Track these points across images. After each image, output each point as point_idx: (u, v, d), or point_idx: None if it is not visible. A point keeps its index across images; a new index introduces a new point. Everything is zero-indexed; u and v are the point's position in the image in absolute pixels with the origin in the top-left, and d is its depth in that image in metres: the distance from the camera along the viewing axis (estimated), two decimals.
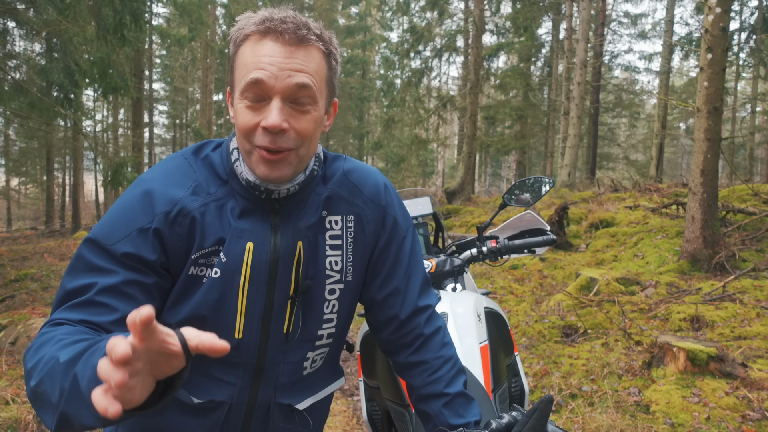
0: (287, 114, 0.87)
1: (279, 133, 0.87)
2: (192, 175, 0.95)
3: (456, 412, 1.02)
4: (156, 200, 0.90)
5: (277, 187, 0.93)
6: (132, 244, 0.87)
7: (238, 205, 0.94)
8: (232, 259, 0.92)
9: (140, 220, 0.88)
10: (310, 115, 0.90)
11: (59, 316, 0.82)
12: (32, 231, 18.37)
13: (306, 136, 0.90)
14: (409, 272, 1.10)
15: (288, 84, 0.86)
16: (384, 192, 1.08)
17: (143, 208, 0.89)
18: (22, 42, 7.73)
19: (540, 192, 1.92)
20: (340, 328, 1.08)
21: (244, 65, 0.88)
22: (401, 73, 18.17)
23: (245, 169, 0.93)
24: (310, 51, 0.88)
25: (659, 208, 8.15)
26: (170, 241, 0.90)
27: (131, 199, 0.91)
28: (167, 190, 0.91)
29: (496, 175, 37.15)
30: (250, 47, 0.88)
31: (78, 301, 0.83)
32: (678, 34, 18.02)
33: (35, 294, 6.37)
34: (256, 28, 0.87)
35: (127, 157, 9.75)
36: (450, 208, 12.56)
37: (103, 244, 0.87)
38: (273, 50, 0.86)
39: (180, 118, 29.07)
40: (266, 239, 0.94)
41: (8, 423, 2.76)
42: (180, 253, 0.91)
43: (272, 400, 1.02)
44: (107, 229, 0.89)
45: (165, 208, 0.90)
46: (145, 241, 0.88)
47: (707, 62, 5.51)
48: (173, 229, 0.90)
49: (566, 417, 2.90)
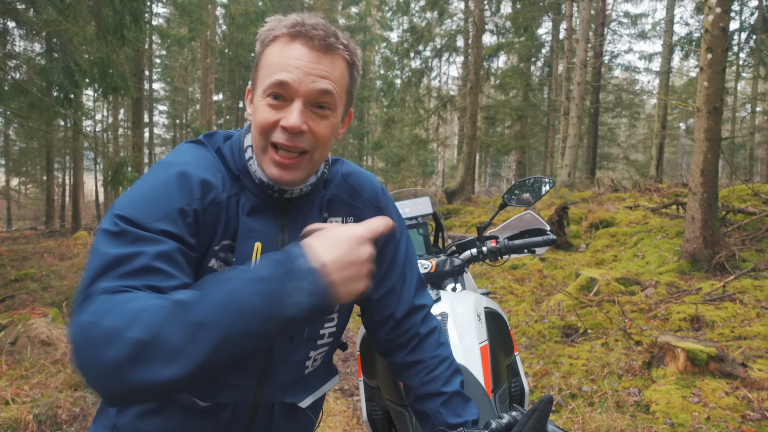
0: (307, 116, 0.89)
1: (297, 134, 0.88)
2: (219, 166, 0.95)
3: (453, 411, 1.03)
4: (193, 183, 0.87)
5: (290, 187, 0.95)
6: (173, 223, 0.82)
7: (248, 201, 0.95)
8: (241, 260, 0.93)
9: (179, 200, 0.84)
10: (329, 120, 0.91)
11: (115, 285, 0.73)
12: (32, 231, 18.37)
13: (322, 140, 0.91)
14: (404, 272, 1.12)
15: (312, 88, 0.87)
16: (381, 195, 1.12)
17: (181, 189, 0.86)
18: (22, 42, 7.74)
19: (540, 192, 1.92)
20: (340, 327, 1.10)
21: (271, 65, 0.89)
22: (401, 73, 18.18)
23: (259, 169, 0.94)
24: (335, 59, 0.90)
25: (659, 208, 8.15)
26: (202, 227, 0.89)
27: (166, 179, 0.87)
28: (204, 175, 0.90)
29: (496, 175, 37.16)
30: (279, 49, 0.89)
31: (133, 269, 0.75)
32: (678, 34, 18.04)
33: (35, 294, 6.37)
34: (287, 31, 0.89)
35: (127, 157, 9.75)
36: (450, 208, 12.57)
37: (139, 222, 0.79)
38: (301, 54, 0.87)
39: (180, 118, 29.08)
40: (274, 239, 0.96)
41: (8, 423, 2.76)
42: (206, 242, 0.90)
43: (276, 400, 1.03)
44: (141, 208, 0.81)
45: (202, 192, 0.88)
46: (185, 222, 0.84)
47: (707, 62, 5.51)
48: (205, 216, 0.89)
49: (566, 417, 2.90)
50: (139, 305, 0.68)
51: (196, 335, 0.66)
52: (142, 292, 0.72)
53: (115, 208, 0.81)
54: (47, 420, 2.81)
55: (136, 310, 0.67)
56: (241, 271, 0.72)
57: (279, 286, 0.69)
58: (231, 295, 0.67)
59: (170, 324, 0.66)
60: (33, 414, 2.83)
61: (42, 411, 2.85)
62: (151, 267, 0.76)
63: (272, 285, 0.68)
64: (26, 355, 3.86)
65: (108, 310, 0.68)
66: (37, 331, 4.09)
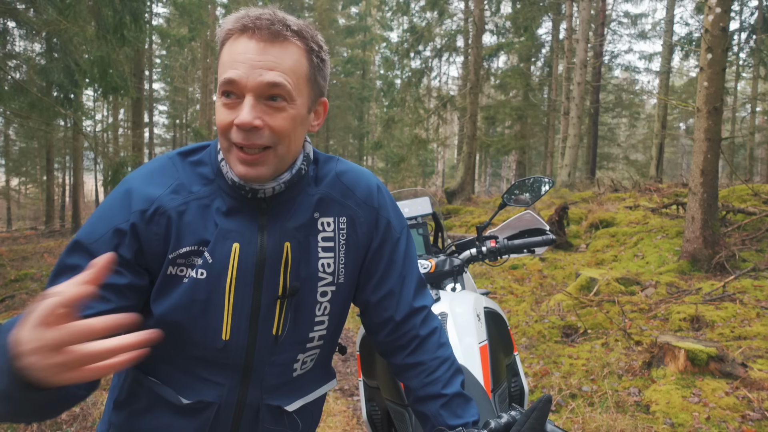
0: (261, 111, 0.86)
1: (252, 131, 0.86)
2: (174, 174, 0.95)
3: (454, 412, 1.01)
4: (134, 198, 0.91)
5: (261, 186, 0.92)
6: (108, 244, 0.88)
7: (224, 203, 0.94)
8: (219, 261, 0.92)
9: (117, 218, 0.90)
10: (286, 112, 0.88)
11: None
12: (32, 231, 18.37)
13: (282, 133, 0.88)
14: (403, 274, 1.09)
15: (260, 82, 0.85)
16: (377, 194, 1.08)
17: (122, 207, 0.91)
18: (22, 42, 7.73)
19: (540, 192, 1.92)
20: (332, 330, 1.07)
21: (222, 64, 0.88)
22: (401, 73, 18.16)
23: (230, 168, 0.93)
24: (285, 47, 0.87)
25: (659, 208, 8.15)
26: (147, 240, 0.90)
27: (113, 198, 0.93)
28: (145, 189, 0.92)
29: (496, 175, 37.16)
30: (229, 46, 0.88)
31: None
32: (678, 34, 18.03)
33: (35, 294, 6.37)
34: (233, 26, 0.87)
35: (127, 157, 9.75)
36: (450, 208, 12.57)
37: (83, 243, 0.89)
38: (246, 47, 0.85)
39: (180, 118, 29.06)
40: (252, 239, 0.94)
41: (8, 423, 2.76)
42: (158, 252, 0.91)
43: (261, 402, 1.01)
44: (89, 229, 0.90)
45: (141, 206, 0.90)
46: (120, 240, 0.89)
47: (707, 62, 5.51)
48: (150, 227, 0.90)
49: (566, 417, 2.90)
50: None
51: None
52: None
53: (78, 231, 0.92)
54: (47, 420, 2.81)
55: None
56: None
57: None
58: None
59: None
60: None
61: None
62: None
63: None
64: None
65: None
66: None
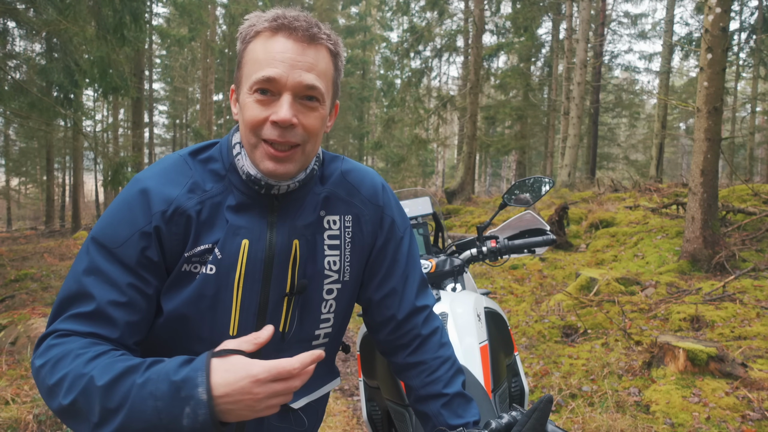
0: (296, 110, 0.89)
1: (288, 128, 0.88)
2: (188, 173, 0.95)
3: (455, 412, 1.02)
4: (152, 199, 0.91)
5: (277, 183, 0.93)
6: (135, 248, 0.88)
7: (235, 199, 0.94)
8: (228, 257, 0.92)
9: (139, 221, 0.89)
10: (318, 112, 0.91)
11: (65, 327, 0.85)
12: (32, 231, 18.37)
13: (313, 132, 0.91)
14: (406, 273, 1.10)
15: (299, 81, 0.87)
16: (382, 192, 1.09)
17: (142, 208, 0.90)
18: (22, 42, 7.73)
19: (540, 192, 1.92)
20: (337, 328, 1.08)
21: (255, 61, 0.88)
22: (401, 73, 18.18)
23: (247, 163, 0.93)
24: (320, 50, 0.90)
25: (659, 208, 8.15)
26: (168, 240, 0.91)
27: (129, 198, 0.92)
28: (163, 189, 0.92)
29: (496, 175, 37.16)
30: (262, 44, 0.89)
31: (84, 312, 0.85)
32: (678, 34, 18.03)
33: (35, 294, 6.37)
34: (269, 25, 0.88)
35: (127, 157, 9.74)
36: (450, 208, 12.57)
37: (108, 247, 0.88)
38: (285, 47, 0.87)
39: (180, 118, 29.06)
40: (262, 236, 0.94)
41: (8, 423, 2.76)
42: (176, 251, 0.92)
43: None
44: (110, 231, 0.89)
45: (161, 207, 0.90)
46: (147, 243, 0.89)
47: (707, 62, 5.51)
48: (170, 227, 0.91)
49: (566, 417, 2.90)
50: (70, 368, 0.79)
51: (109, 419, 0.77)
52: (76, 342, 0.83)
53: (93, 229, 0.92)
54: (47, 420, 2.81)
55: (65, 373, 0.79)
56: (151, 380, 0.78)
57: (173, 407, 0.76)
58: (135, 404, 0.77)
59: (92, 401, 0.77)
60: (33, 414, 2.83)
61: (42, 411, 2.84)
62: (101, 314, 0.85)
63: (166, 405, 0.76)
64: (26, 355, 3.87)
65: (53, 362, 0.81)
66: (37, 331, 4.09)
